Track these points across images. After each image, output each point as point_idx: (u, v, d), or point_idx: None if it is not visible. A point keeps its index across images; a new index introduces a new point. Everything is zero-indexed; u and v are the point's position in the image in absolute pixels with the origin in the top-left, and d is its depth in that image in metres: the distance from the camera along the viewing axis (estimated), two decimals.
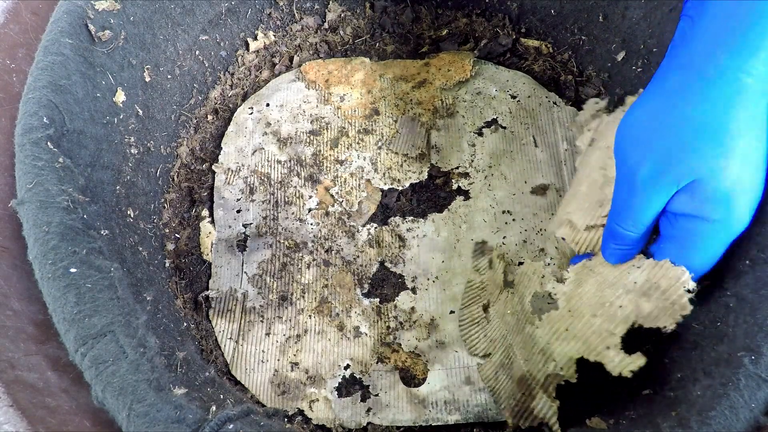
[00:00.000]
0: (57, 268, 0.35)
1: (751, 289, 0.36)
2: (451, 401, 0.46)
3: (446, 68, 0.62)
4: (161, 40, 0.53)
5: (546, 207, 0.54)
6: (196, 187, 0.56)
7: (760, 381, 0.32)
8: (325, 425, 0.46)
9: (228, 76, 0.62)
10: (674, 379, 0.38)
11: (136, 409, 0.33)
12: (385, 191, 0.56)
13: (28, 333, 0.37)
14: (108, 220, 0.42)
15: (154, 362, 0.35)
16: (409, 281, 0.52)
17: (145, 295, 0.43)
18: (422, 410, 0.46)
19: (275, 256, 0.53)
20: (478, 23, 0.64)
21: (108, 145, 0.45)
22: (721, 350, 0.35)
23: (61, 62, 0.41)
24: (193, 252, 0.53)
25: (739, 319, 0.35)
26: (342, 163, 0.57)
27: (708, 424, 0.32)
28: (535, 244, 0.52)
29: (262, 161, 0.58)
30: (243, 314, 0.51)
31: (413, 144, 0.58)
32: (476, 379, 0.47)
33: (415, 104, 0.60)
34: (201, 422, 0.33)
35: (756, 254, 0.37)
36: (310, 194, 0.56)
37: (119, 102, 0.47)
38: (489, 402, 0.46)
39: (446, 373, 0.48)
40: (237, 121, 0.60)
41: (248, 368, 0.48)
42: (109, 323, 0.35)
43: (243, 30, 0.62)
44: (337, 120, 0.60)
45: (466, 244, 0.53)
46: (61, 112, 0.40)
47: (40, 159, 0.37)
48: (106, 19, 0.46)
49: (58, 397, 0.35)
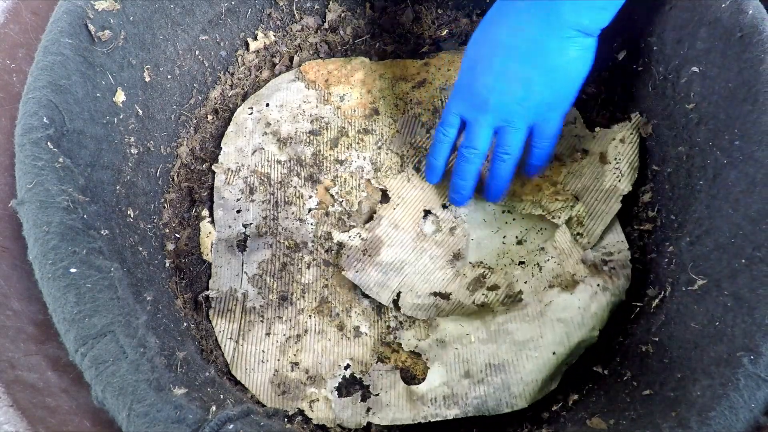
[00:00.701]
0: (57, 268, 0.35)
1: (748, 289, 0.36)
2: (450, 396, 0.46)
3: (446, 68, 0.62)
4: (161, 40, 0.53)
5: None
6: (196, 187, 0.56)
7: (760, 381, 0.32)
8: (325, 425, 0.46)
9: (228, 76, 0.62)
10: (674, 379, 0.38)
11: (136, 409, 0.33)
12: (384, 191, 0.56)
13: (28, 333, 0.37)
14: (108, 220, 0.42)
15: (154, 362, 0.35)
16: None
17: (145, 295, 0.43)
18: (421, 407, 0.46)
19: (275, 256, 0.53)
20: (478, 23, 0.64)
21: (108, 145, 0.45)
22: (720, 350, 0.35)
23: (61, 62, 0.41)
24: (193, 252, 0.53)
25: (738, 319, 0.35)
26: (342, 163, 0.58)
27: (708, 424, 0.32)
28: (535, 243, 0.52)
29: (262, 161, 0.58)
30: (243, 314, 0.51)
31: (413, 144, 0.58)
32: (474, 372, 0.47)
33: (415, 104, 0.60)
34: (201, 422, 0.33)
35: (752, 253, 0.37)
36: (310, 194, 0.56)
37: (119, 102, 0.47)
38: (488, 393, 0.46)
39: (446, 369, 0.48)
40: (237, 121, 0.60)
41: (248, 368, 0.48)
42: (109, 323, 0.35)
43: (243, 30, 0.62)
44: (337, 120, 0.60)
45: (466, 244, 0.53)
46: (61, 112, 0.40)
47: (40, 159, 0.37)
48: (106, 19, 0.46)
49: (58, 397, 0.35)
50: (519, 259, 0.52)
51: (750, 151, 0.40)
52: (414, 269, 0.52)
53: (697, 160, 0.46)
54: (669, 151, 0.50)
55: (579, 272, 0.49)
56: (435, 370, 0.48)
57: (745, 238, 0.38)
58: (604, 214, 0.51)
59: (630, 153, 0.52)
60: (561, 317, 0.47)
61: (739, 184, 0.40)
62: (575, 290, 0.48)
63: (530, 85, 0.47)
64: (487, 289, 0.49)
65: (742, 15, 0.42)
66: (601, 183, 0.52)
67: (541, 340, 0.47)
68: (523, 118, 0.48)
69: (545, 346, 0.46)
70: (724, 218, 0.41)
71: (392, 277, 0.51)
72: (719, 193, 0.42)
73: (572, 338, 0.46)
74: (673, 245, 0.46)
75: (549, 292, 0.49)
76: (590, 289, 0.48)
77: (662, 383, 0.39)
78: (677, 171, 0.48)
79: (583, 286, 0.48)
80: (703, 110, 0.45)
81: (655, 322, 0.44)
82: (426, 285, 0.51)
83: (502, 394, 0.46)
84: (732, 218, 0.40)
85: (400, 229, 0.53)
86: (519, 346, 0.47)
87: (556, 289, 0.49)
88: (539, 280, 0.50)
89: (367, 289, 0.50)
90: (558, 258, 0.51)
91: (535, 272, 0.51)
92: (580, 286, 0.48)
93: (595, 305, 0.47)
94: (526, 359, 0.46)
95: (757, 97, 0.40)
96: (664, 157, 0.50)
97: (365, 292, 0.50)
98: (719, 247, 0.40)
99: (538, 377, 0.46)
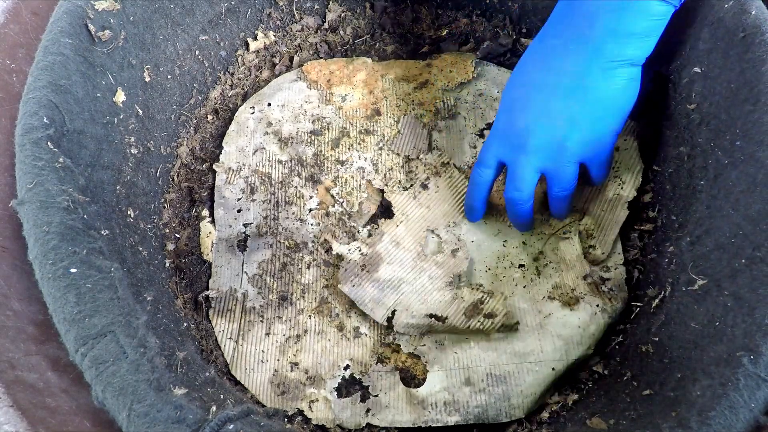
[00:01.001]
0: (57, 268, 0.35)
1: (748, 289, 0.36)
2: (451, 402, 0.47)
3: (448, 69, 0.62)
4: (161, 40, 0.53)
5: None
6: (196, 187, 0.56)
7: (760, 381, 0.32)
8: (325, 425, 0.46)
9: (228, 76, 0.62)
10: (674, 379, 0.38)
11: (136, 410, 0.33)
12: (384, 191, 0.56)
13: (28, 333, 0.37)
14: (108, 220, 0.42)
15: (155, 362, 0.35)
16: None
17: (145, 295, 0.43)
18: (421, 411, 0.46)
19: (275, 256, 0.53)
20: (478, 23, 0.64)
21: (108, 145, 0.45)
22: (720, 350, 0.35)
23: (61, 62, 0.41)
24: (193, 252, 0.53)
25: (738, 319, 0.35)
26: (343, 163, 0.57)
27: (708, 424, 0.32)
28: (535, 246, 0.52)
29: (263, 161, 0.58)
30: (243, 314, 0.51)
31: (414, 145, 0.58)
32: (476, 381, 0.47)
33: (417, 105, 0.60)
34: (201, 422, 0.33)
35: (752, 253, 0.37)
36: (310, 194, 0.56)
37: (119, 102, 0.47)
38: (489, 403, 0.46)
39: (446, 374, 0.48)
40: (238, 120, 0.60)
41: (248, 368, 0.48)
42: (109, 323, 0.35)
43: (243, 30, 0.62)
44: (339, 120, 0.60)
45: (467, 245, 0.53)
46: (61, 112, 0.40)
47: (41, 159, 0.37)
48: (106, 19, 0.46)
49: (58, 398, 0.35)
50: (519, 262, 0.52)
51: (751, 152, 0.40)
52: (411, 288, 0.51)
53: (698, 161, 0.45)
54: (670, 151, 0.50)
55: (579, 288, 0.49)
56: (435, 373, 0.48)
57: (745, 238, 0.38)
58: (613, 223, 0.51)
59: (628, 160, 0.52)
60: (561, 334, 0.48)
61: (740, 185, 0.40)
62: (575, 308, 0.49)
63: (575, 122, 0.45)
64: (484, 316, 0.48)
65: (745, 15, 0.42)
66: (604, 194, 0.52)
67: (542, 354, 0.47)
68: (571, 156, 0.46)
69: (546, 362, 0.47)
70: (725, 218, 0.41)
71: (389, 295, 0.50)
72: (720, 193, 0.42)
73: (570, 356, 0.47)
74: (673, 245, 0.46)
75: (548, 304, 0.49)
76: (590, 309, 0.48)
77: (662, 383, 0.39)
78: (678, 171, 0.48)
79: (583, 304, 0.49)
80: (705, 110, 0.45)
81: (655, 322, 0.44)
82: (422, 306, 0.50)
83: (502, 405, 0.46)
84: (732, 218, 0.40)
85: (401, 247, 0.53)
86: (520, 357, 0.47)
87: (556, 302, 0.49)
88: (538, 286, 0.50)
89: (362, 305, 0.50)
90: (558, 266, 0.51)
91: (534, 278, 0.51)
92: (580, 304, 0.49)
93: (594, 326, 0.48)
94: (527, 372, 0.47)
95: (759, 97, 0.40)
96: (665, 158, 0.50)
97: (360, 307, 0.50)
98: (719, 247, 0.40)
99: (537, 390, 0.46)
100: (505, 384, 0.47)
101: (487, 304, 0.49)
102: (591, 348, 0.47)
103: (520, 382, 0.47)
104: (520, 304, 0.50)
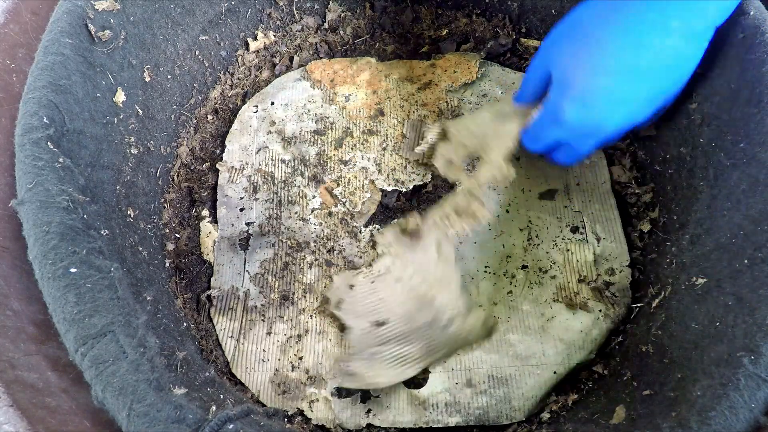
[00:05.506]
0: (57, 268, 0.35)
1: (749, 289, 0.36)
2: (452, 403, 0.46)
3: (452, 70, 0.62)
4: (161, 40, 0.53)
5: (551, 210, 0.54)
6: (196, 187, 0.56)
7: (760, 381, 0.32)
8: (325, 425, 0.46)
9: (228, 76, 0.62)
10: (674, 379, 0.38)
11: (136, 409, 0.33)
12: (385, 191, 0.56)
13: (28, 333, 0.37)
14: (108, 220, 0.42)
15: (154, 362, 0.35)
16: None
17: (145, 295, 0.43)
18: (422, 412, 0.46)
19: (277, 255, 0.53)
20: (478, 23, 0.64)
21: (108, 145, 0.45)
22: (720, 350, 0.35)
23: (61, 62, 0.41)
24: (193, 252, 0.53)
25: (738, 319, 0.35)
26: (346, 163, 0.57)
27: (708, 424, 0.32)
28: (540, 248, 0.52)
29: (266, 160, 0.58)
30: (244, 313, 0.51)
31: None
32: (477, 382, 0.47)
33: (421, 106, 0.60)
34: (201, 422, 0.33)
35: (753, 253, 0.37)
36: (313, 194, 0.56)
37: (119, 102, 0.47)
38: (490, 405, 0.46)
39: (447, 375, 0.48)
40: (241, 119, 0.60)
41: (249, 367, 0.49)
42: (109, 323, 0.35)
43: (243, 30, 0.62)
44: (342, 120, 0.60)
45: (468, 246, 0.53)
46: (61, 112, 0.40)
47: (40, 159, 0.37)
48: (106, 19, 0.46)
49: (58, 397, 0.35)
50: (522, 263, 0.52)
51: (754, 153, 0.40)
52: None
53: (699, 161, 0.45)
54: (671, 151, 0.49)
55: (582, 292, 0.50)
56: (437, 374, 0.48)
57: (746, 238, 0.38)
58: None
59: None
60: (563, 338, 0.48)
61: (742, 185, 0.40)
62: (578, 312, 0.49)
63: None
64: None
65: (743, 16, 0.42)
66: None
67: (544, 357, 0.47)
68: (605, 138, 0.44)
69: (547, 365, 0.47)
70: (726, 219, 0.41)
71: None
72: (721, 193, 0.42)
73: (572, 360, 0.47)
74: (674, 245, 0.46)
75: (551, 307, 0.49)
76: (593, 314, 0.48)
77: (662, 383, 0.39)
78: (679, 171, 0.48)
79: (586, 309, 0.49)
80: (706, 111, 0.45)
81: (655, 322, 0.43)
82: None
83: (504, 407, 0.46)
84: (734, 219, 0.40)
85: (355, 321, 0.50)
86: (522, 360, 0.47)
87: (558, 305, 0.49)
88: (541, 287, 0.50)
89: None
90: (561, 268, 0.51)
91: (538, 279, 0.51)
92: (583, 309, 0.49)
93: (596, 331, 0.48)
94: (529, 375, 0.47)
95: (761, 98, 0.40)
96: (666, 158, 0.50)
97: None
98: (720, 247, 0.40)
99: (538, 393, 0.46)
100: (506, 386, 0.47)
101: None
102: (593, 353, 0.47)
103: (521, 385, 0.47)
104: (522, 306, 0.50)
